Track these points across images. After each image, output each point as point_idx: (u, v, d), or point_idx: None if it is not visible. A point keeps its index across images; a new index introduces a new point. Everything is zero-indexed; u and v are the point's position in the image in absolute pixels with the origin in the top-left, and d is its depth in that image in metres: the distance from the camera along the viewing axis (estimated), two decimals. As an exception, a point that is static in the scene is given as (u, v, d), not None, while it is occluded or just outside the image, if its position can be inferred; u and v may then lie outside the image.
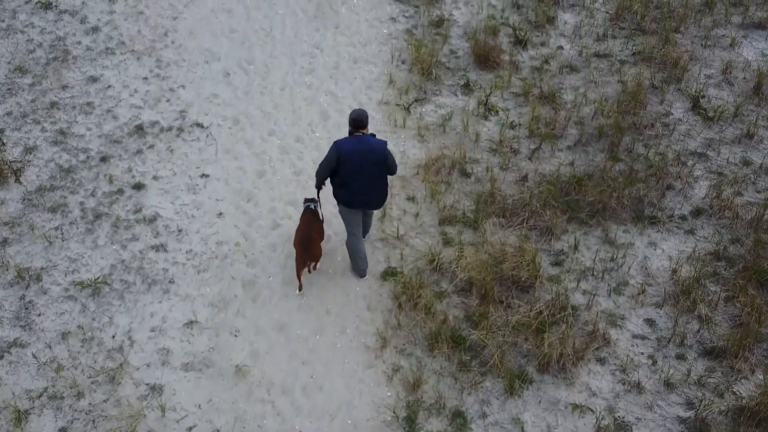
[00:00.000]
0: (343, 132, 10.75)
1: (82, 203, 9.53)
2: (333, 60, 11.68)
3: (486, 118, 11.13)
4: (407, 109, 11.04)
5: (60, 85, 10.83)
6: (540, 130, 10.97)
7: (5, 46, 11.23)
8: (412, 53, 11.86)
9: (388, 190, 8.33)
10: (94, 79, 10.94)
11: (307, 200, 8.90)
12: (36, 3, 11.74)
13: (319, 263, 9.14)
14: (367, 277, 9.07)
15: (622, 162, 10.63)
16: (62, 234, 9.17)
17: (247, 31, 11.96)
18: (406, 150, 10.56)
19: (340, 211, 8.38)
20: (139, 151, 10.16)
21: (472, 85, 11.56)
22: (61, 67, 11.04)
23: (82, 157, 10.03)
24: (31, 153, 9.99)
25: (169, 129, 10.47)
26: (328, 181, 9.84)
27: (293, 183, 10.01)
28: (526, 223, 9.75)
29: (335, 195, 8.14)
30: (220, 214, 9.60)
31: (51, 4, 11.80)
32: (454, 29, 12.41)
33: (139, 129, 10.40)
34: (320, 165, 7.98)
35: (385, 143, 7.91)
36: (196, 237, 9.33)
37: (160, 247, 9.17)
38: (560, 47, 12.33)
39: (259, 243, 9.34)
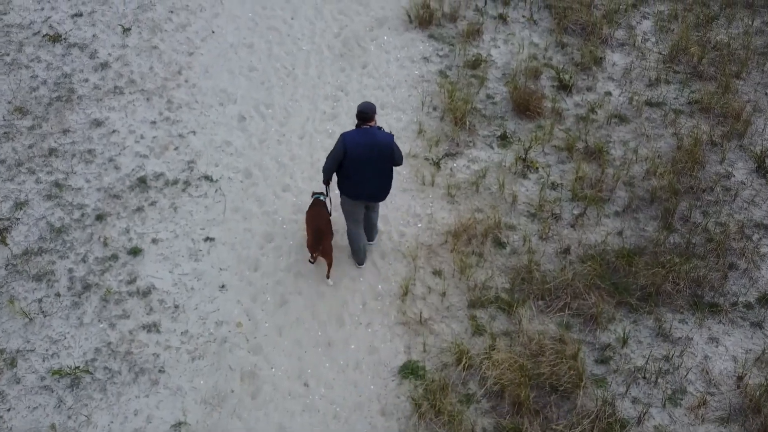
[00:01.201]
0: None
1: (70, 271, 7.98)
2: (356, 99, 9.97)
3: (524, 176, 9.34)
4: (437, 164, 9.30)
5: (61, 128, 9.27)
6: (584, 192, 9.16)
7: (7, 83, 9.70)
8: (444, 99, 10.10)
9: (391, 185, 7.72)
10: (98, 123, 9.37)
11: (315, 193, 8.14)
12: (44, 36, 10.19)
13: (331, 270, 8.16)
14: (363, 265, 8.25)
15: (677, 233, 8.78)
16: (45, 309, 7.62)
17: (267, 69, 10.29)
18: (433, 213, 8.82)
19: (342, 203, 7.73)
20: (139, 209, 8.57)
21: (509, 136, 9.77)
22: (64, 108, 9.48)
23: (76, 214, 8.46)
24: (21, 209, 8.45)
25: (175, 182, 8.86)
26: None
27: (305, 249, 8.36)
28: (568, 307, 7.98)
29: (339, 186, 7.55)
30: (223, 286, 7.98)
31: (60, 36, 10.23)
32: (491, 71, 10.60)
33: (142, 182, 8.80)
34: (327, 158, 7.43)
35: (392, 137, 7.35)
36: (193, 315, 7.73)
37: (153, 327, 7.58)
38: (608, 93, 10.46)
39: (264, 324, 7.70)
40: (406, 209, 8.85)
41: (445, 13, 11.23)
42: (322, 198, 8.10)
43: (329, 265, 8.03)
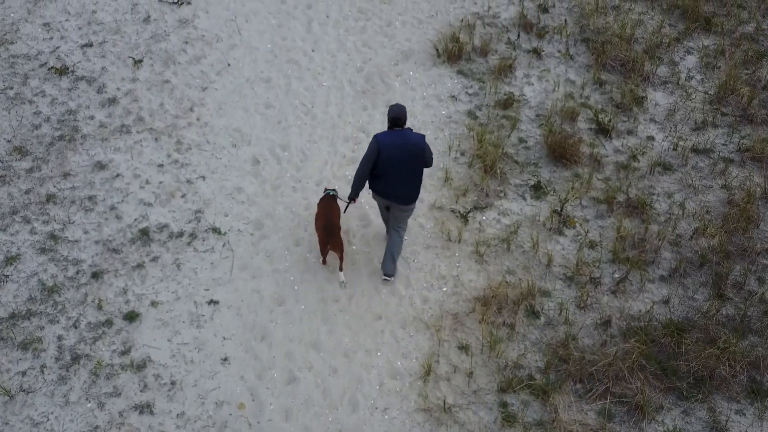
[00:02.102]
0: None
1: (60, 338, 6.85)
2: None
3: (560, 232, 8.06)
4: (464, 218, 8.07)
5: (62, 172, 8.15)
6: (626, 252, 7.87)
7: (8, 120, 8.59)
8: (474, 143, 8.84)
9: (420, 189, 7.18)
10: (101, 166, 8.23)
11: (327, 189, 7.61)
12: (50, 68, 9.08)
13: (343, 263, 7.54)
14: (391, 277, 7.48)
15: (730, 303, 7.47)
16: (28, 384, 6.50)
17: (284, 107, 9.09)
18: (460, 274, 7.58)
19: (374, 197, 7.25)
20: (139, 266, 7.43)
21: (544, 186, 8.49)
22: (66, 148, 8.37)
23: (71, 271, 7.34)
24: (12, 264, 7.34)
25: (180, 235, 7.71)
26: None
27: (319, 314, 7.18)
28: (610, 393, 6.72)
29: (371, 185, 7.09)
30: (225, 359, 6.82)
31: (67, 69, 9.11)
32: (524, 111, 9.31)
33: (145, 234, 7.66)
34: (361, 161, 6.95)
35: (423, 137, 6.92)
36: (191, 393, 6.57)
37: (146, 408, 6.43)
38: (651, 137, 9.13)
39: (269, 406, 6.52)
40: (430, 269, 7.62)
41: (475, 47, 9.96)
42: (332, 194, 7.54)
43: (341, 258, 7.36)
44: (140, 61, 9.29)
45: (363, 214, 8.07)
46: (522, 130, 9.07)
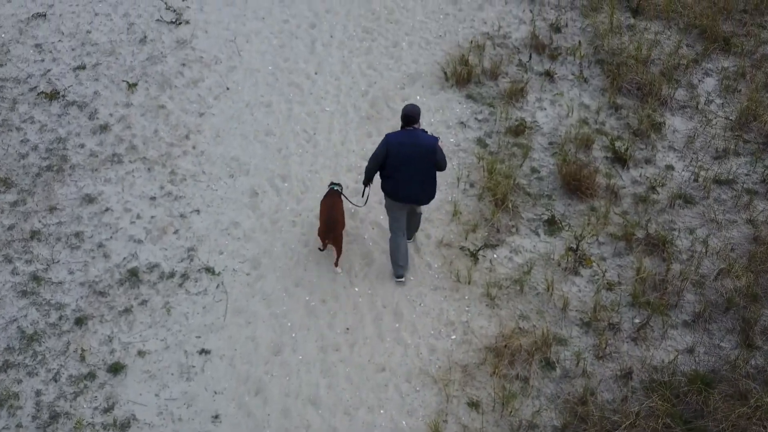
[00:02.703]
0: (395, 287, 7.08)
1: (38, 393, 6.10)
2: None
3: (576, 272, 7.27)
4: (474, 256, 7.29)
5: (48, 205, 7.40)
6: (647, 295, 7.08)
7: (-6, 148, 7.90)
8: (483, 173, 8.06)
9: (436, 187, 6.86)
10: (90, 199, 7.48)
11: (332, 183, 7.22)
12: (40, 93, 8.33)
13: (341, 258, 7.16)
14: (402, 278, 7.03)
15: (759, 351, 6.68)
16: (1, 445, 5.81)
17: (285, 133, 8.32)
18: (470, 320, 6.81)
19: (386, 205, 6.84)
20: (127, 310, 6.67)
21: (558, 221, 7.69)
22: (54, 180, 7.62)
23: (53, 317, 6.59)
24: (-10, 308, 6.65)
25: (171, 275, 6.95)
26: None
27: (318, 365, 6.42)
28: (633, 458, 5.95)
29: (382, 187, 6.71)
30: (216, 416, 6.05)
31: (58, 93, 8.36)
32: (537, 138, 8.52)
33: (133, 275, 6.91)
34: (370, 158, 6.63)
35: (436, 139, 6.52)
36: (179, 456, 5.85)
37: (128, 474, 5.73)
38: (670, 167, 8.31)
39: (263, 472, 5.80)
40: (438, 314, 6.84)
41: (485, 70, 9.16)
42: (337, 189, 7.15)
43: (338, 253, 7.03)
44: (135, 84, 8.53)
45: (366, 252, 7.30)
46: (534, 159, 8.28)
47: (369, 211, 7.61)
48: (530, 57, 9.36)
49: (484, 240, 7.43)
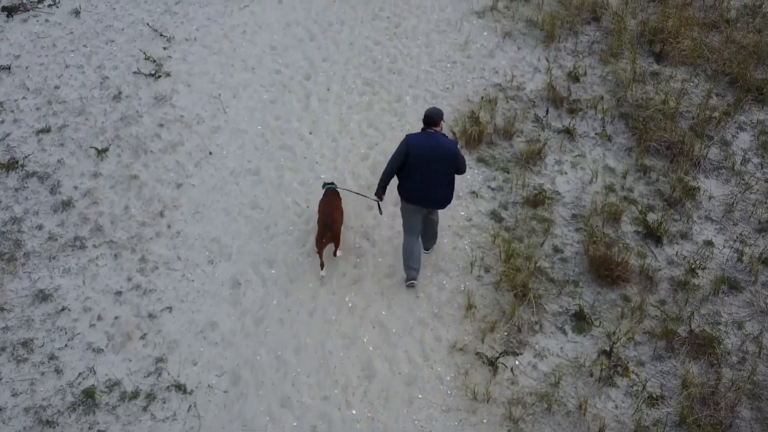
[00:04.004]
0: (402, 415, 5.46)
1: None
2: (388, 263, 6.36)
3: (611, 382, 5.67)
4: (493, 365, 5.70)
5: (-6, 304, 5.83)
6: (695, 412, 5.48)
7: (-62, 233, 6.27)
8: (500, 255, 6.45)
9: (453, 192, 6.08)
10: (44, 296, 5.86)
11: (326, 183, 6.43)
12: (-4, 162, 6.72)
13: (339, 249, 6.33)
14: (414, 282, 6.10)
15: (837, 491, 5.09)
16: None
17: (274, 207, 6.71)
18: (490, 452, 5.24)
19: (401, 208, 6.06)
20: (77, 446, 5.11)
21: (587, 315, 6.09)
22: (4, 271, 6.00)
23: (-13, 457, 5.04)
24: None
25: (134, 396, 5.34)
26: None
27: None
28: None
29: (399, 190, 5.98)
30: None
31: (17, 163, 6.73)
32: (558, 209, 6.89)
33: (89, 396, 5.29)
34: (390, 159, 5.90)
35: (455, 143, 5.85)
36: None
37: None
38: (709, 243, 6.69)
39: None
40: (451, 444, 5.26)
41: (497, 128, 7.52)
42: (332, 187, 6.35)
43: (336, 246, 6.24)
44: (105, 150, 6.90)
45: (366, 360, 5.68)
46: (557, 236, 6.65)
47: (368, 307, 5.98)
48: (547, 112, 7.72)
49: (504, 343, 5.81)
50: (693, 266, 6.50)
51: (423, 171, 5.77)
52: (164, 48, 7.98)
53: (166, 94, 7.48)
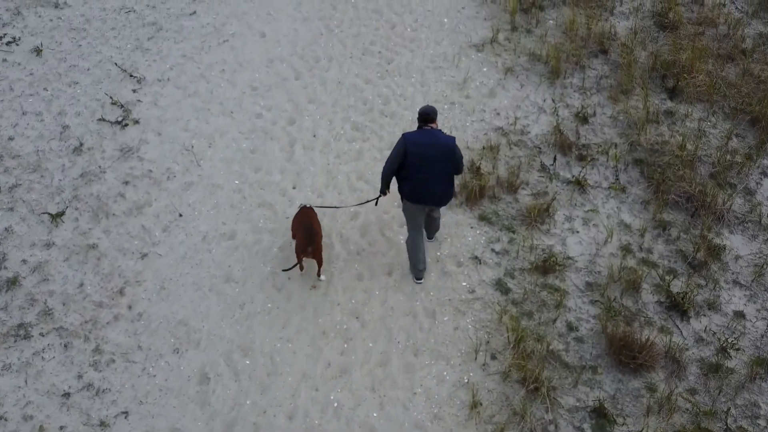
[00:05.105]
0: None
1: None
2: (379, 348, 5.13)
3: (642, 502, 4.52)
4: (503, 481, 4.53)
5: None
6: None
7: None
8: (507, 336, 5.26)
9: (454, 189, 5.34)
10: (-23, 402, 4.70)
11: (302, 205, 5.59)
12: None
13: (323, 274, 5.45)
14: (421, 281, 5.49)
15: None
16: None
17: (251, 278, 5.49)
18: None
19: (403, 208, 5.38)
20: None
21: (608, 411, 4.92)
22: (-67, 369, 4.83)
23: None
24: None
25: None
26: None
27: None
28: None
29: (400, 189, 5.29)
30: None
31: (-43, 231, 5.52)
32: (570, 275, 5.68)
33: None
34: (387, 160, 5.24)
35: (453, 138, 5.20)
36: None
37: None
38: (739, 314, 5.51)
39: None
40: None
41: (501, 180, 6.28)
42: (308, 205, 5.59)
43: (319, 264, 5.41)
44: (61, 214, 5.65)
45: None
46: (570, 309, 5.45)
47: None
48: (555, 159, 6.49)
49: (515, 452, 4.64)
50: (724, 345, 5.31)
51: (423, 169, 5.21)
52: (134, 90, 6.71)
53: (133, 145, 6.23)
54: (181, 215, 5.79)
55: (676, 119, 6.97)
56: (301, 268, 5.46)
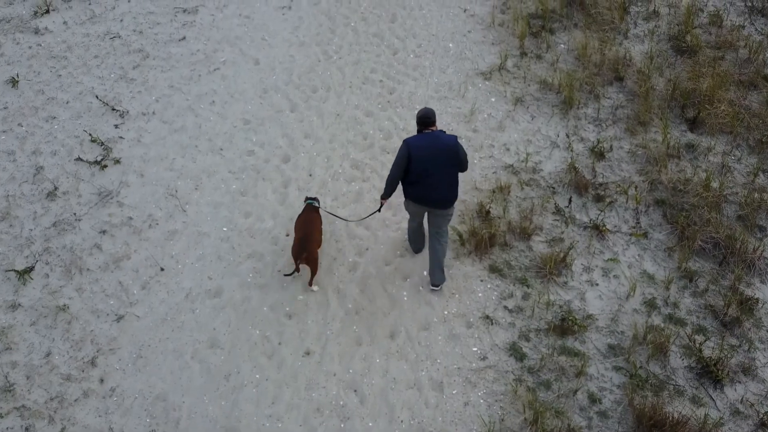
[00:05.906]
0: None
1: None
2: (380, 429, 4.27)
3: None
4: None
5: None
6: None
7: None
8: (524, 412, 4.46)
9: (458, 191, 4.90)
10: None
11: (308, 198, 5.05)
12: None
13: (315, 278, 4.88)
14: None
15: None
16: None
17: (238, 344, 4.69)
18: None
19: (406, 205, 4.97)
20: None
21: (641, 505, 4.14)
22: None
23: None
24: None
25: None
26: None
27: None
28: None
29: (405, 193, 4.90)
30: None
31: None
32: (591, 337, 4.86)
33: None
34: (392, 166, 4.83)
35: (455, 137, 4.82)
36: None
37: None
38: (779, 380, 4.73)
39: None
40: None
41: (512, 225, 5.45)
42: (315, 204, 5.06)
43: (313, 273, 4.90)
44: (29, 270, 4.84)
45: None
46: (592, 378, 4.64)
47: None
48: (570, 201, 5.65)
49: None
50: (763, 419, 4.51)
51: (431, 173, 4.80)
52: (116, 126, 5.88)
53: (112, 189, 5.41)
54: (162, 269, 4.98)
55: (698, 153, 6.12)
56: (298, 270, 4.86)
